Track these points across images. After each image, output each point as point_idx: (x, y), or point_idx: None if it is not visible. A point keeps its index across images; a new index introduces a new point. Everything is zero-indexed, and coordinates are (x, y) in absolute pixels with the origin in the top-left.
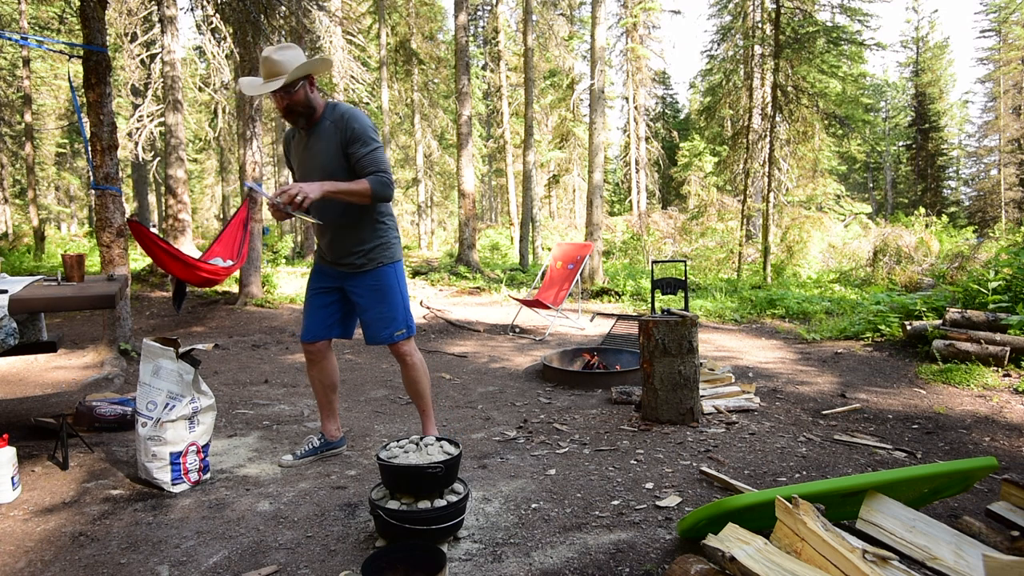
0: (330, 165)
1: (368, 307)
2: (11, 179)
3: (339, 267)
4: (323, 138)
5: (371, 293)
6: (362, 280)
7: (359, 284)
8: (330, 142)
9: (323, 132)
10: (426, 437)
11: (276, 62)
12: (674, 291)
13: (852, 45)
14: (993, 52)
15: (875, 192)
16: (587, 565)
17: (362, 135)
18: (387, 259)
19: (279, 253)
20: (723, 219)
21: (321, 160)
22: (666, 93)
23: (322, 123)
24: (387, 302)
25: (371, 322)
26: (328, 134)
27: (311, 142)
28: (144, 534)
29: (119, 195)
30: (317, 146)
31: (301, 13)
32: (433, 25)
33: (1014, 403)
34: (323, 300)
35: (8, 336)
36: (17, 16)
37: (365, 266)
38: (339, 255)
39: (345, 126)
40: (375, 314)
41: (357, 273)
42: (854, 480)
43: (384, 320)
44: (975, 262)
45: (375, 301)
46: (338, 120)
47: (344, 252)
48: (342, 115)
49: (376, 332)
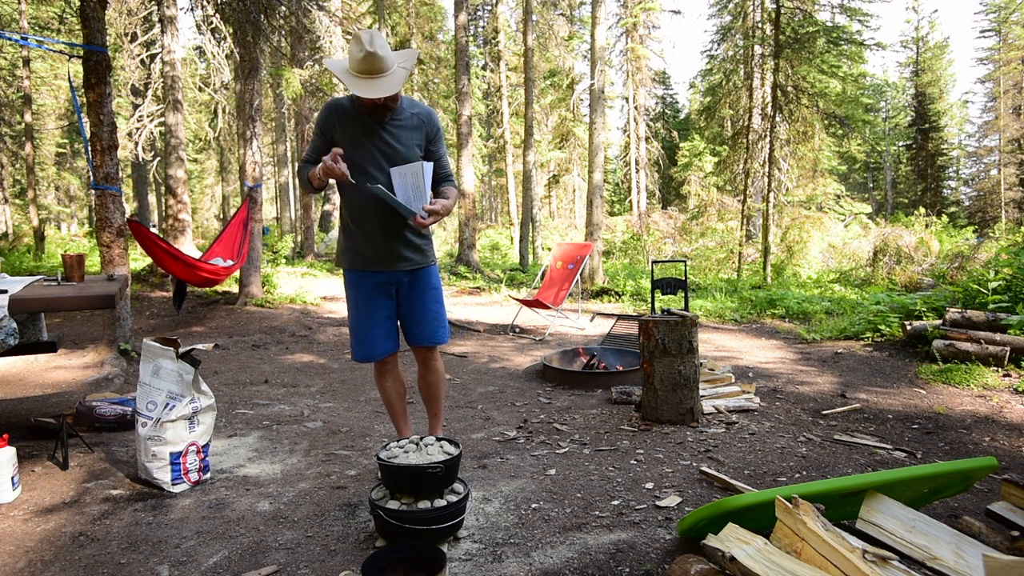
0: (410, 157)
1: (425, 306)
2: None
3: (394, 267)
4: (404, 128)
5: (429, 291)
6: (419, 278)
7: (416, 283)
8: (413, 133)
9: (404, 122)
10: (426, 437)
11: (381, 58)
12: (674, 291)
13: (852, 45)
14: (993, 52)
15: (875, 192)
16: (587, 565)
17: (441, 135)
18: (435, 258)
19: (279, 253)
20: (723, 219)
21: (403, 150)
22: (666, 93)
23: (401, 113)
24: (439, 300)
25: (428, 321)
26: (411, 125)
27: (386, 127)
28: (144, 534)
29: (119, 195)
30: (395, 134)
31: (301, 13)
32: (433, 25)
33: (1014, 403)
34: (386, 311)
35: (8, 336)
36: (17, 16)
37: (422, 263)
38: (397, 254)
39: (430, 123)
40: (432, 313)
41: (414, 271)
42: (854, 480)
43: (440, 319)
44: (975, 262)
45: (432, 299)
46: (423, 115)
47: (404, 250)
48: (428, 112)
49: (433, 332)
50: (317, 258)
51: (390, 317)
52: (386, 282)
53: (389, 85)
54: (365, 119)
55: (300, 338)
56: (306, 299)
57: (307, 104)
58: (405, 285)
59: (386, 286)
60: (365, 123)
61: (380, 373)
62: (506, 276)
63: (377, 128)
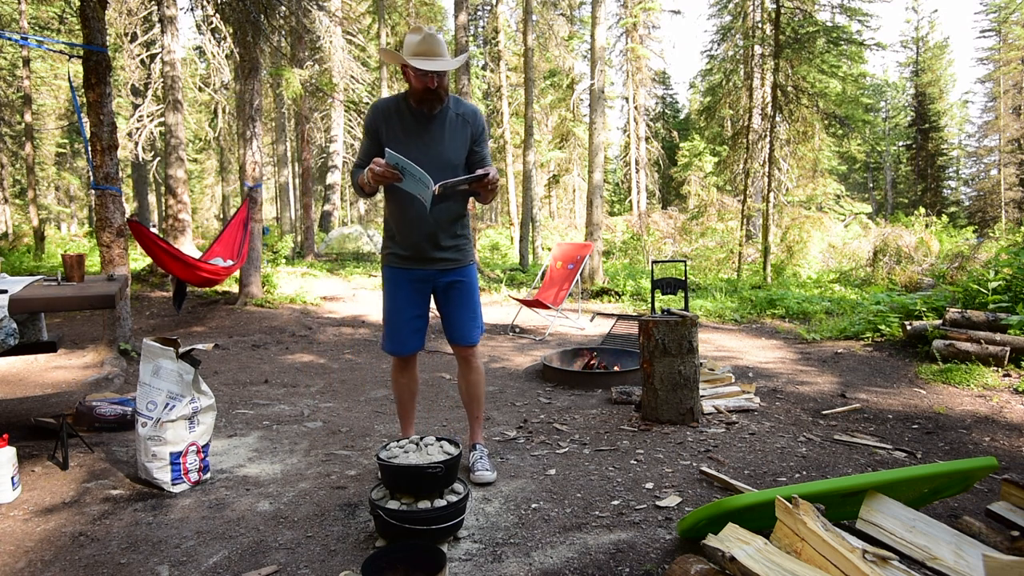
0: (456, 157)
1: (463, 304)
2: (11, 179)
3: (433, 265)
4: (449, 128)
5: (467, 290)
6: (458, 276)
7: (453, 282)
8: (458, 134)
9: (449, 122)
10: (426, 437)
11: (439, 42)
12: (674, 291)
13: (852, 45)
14: (993, 52)
15: (875, 192)
16: (587, 565)
17: (486, 135)
18: (474, 257)
19: (279, 253)
20: (723, 219)
21: (446, 150)
22: (666, 93)
23: (447, 112)
24: (476, 299)
25: (465, 320)
26: (456, 126)
27: (432, 128)
28: (144, 534)
29: (119, 195)
30: (440, 134)
31: (301, 13)
32: (433, 25)
33: (1014, 403)
34: (418, 309)
35: (8, 336)
36: (17, 16)
37: (461, 261)
38: (434, 254)
39: (475, 123)
40: (469, 312)
41: (453, 269)
42: (854, 480)
43: (476, 318)
44: (975, 262)
45: (469, 299)
46: (467, 115)
47: (445, 247)
48: (473, 112)
49: (469, 331)
50: (317, 258)
51: (421, 316)
52: (422, 280)
53: (445, 64)
54: (409, 118)
55: (300, 338)
56: (306, 299)
57: (307, 104)
58: (442, 284)
59: (421, 284)
60: (410, 121)
61: (399, 369)
62: (506, 276)
63: (422, 126)
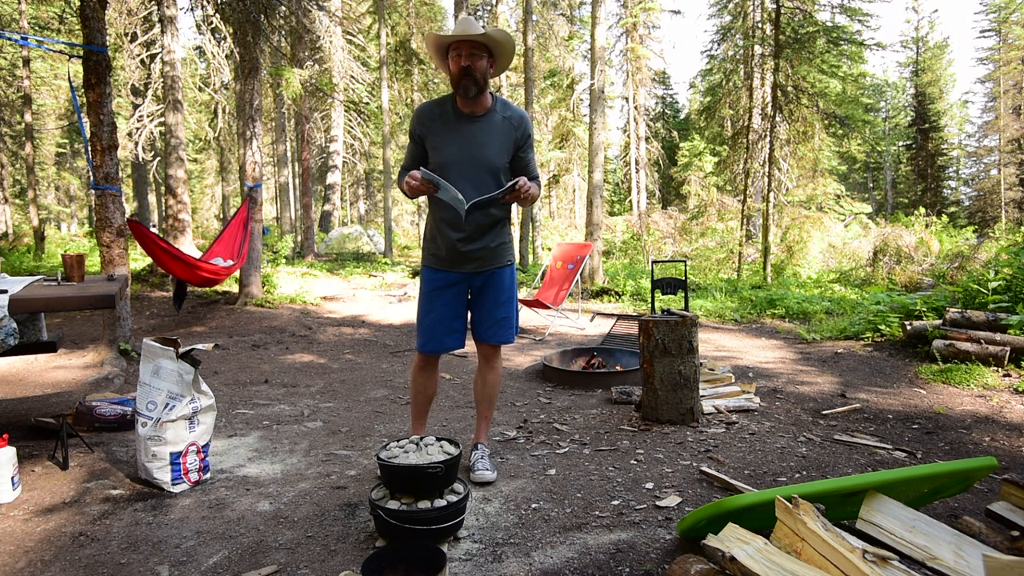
0: (498, 161)
1: (494, 304)
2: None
3: (466, 269)
4: (494, 131)
5: (504, 291)
6: (492, 279)
7: (489, 284)
8: (502, 137)
9: (494, 125)
10: (426, 437)
11: (475, 23)
12: (674, 291)
13: (852, 45)
14: (993, 52)
15: (875, 192)
16: (587, 565)
17: (532, 141)
18: (512, 259)
19: (279, 253)
20: (723, 219)
21: (490, 153)
22: (666, 93)
23: (492, 115)
24: (513, 301)
25: (500, 321)
26: (501, 129)
27: (475, 130)
28: (144, 534)
29: (119, 195)
30: (484, 137)
31: (301, 13)
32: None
33: (1014, 403)
34: (453, 310)
35: (8, 336)
36: (17, 16)
37: (500, 263)
38: (469, 257)
39: (521, 127)
40: (505, 312)
41: (491, 270)
42: (854, 480)
43: (512, 319)
44: (975, 262)
45: (507, 299)
46: (514, 119)
47: (484, 247)
48: (520, 116)
49: (504, 332)
50: (317, 258)
51: (458, 316)
52: (457, 282)
53: (478, 32)
54: (453, 118)
55: (300, 338)
56: (306, 299)
57: (307, 104)
58: (477, 286)
59: (457, 286)
60: (453, 122)
61: (421, 367)
62: None
63: (465, 127)
